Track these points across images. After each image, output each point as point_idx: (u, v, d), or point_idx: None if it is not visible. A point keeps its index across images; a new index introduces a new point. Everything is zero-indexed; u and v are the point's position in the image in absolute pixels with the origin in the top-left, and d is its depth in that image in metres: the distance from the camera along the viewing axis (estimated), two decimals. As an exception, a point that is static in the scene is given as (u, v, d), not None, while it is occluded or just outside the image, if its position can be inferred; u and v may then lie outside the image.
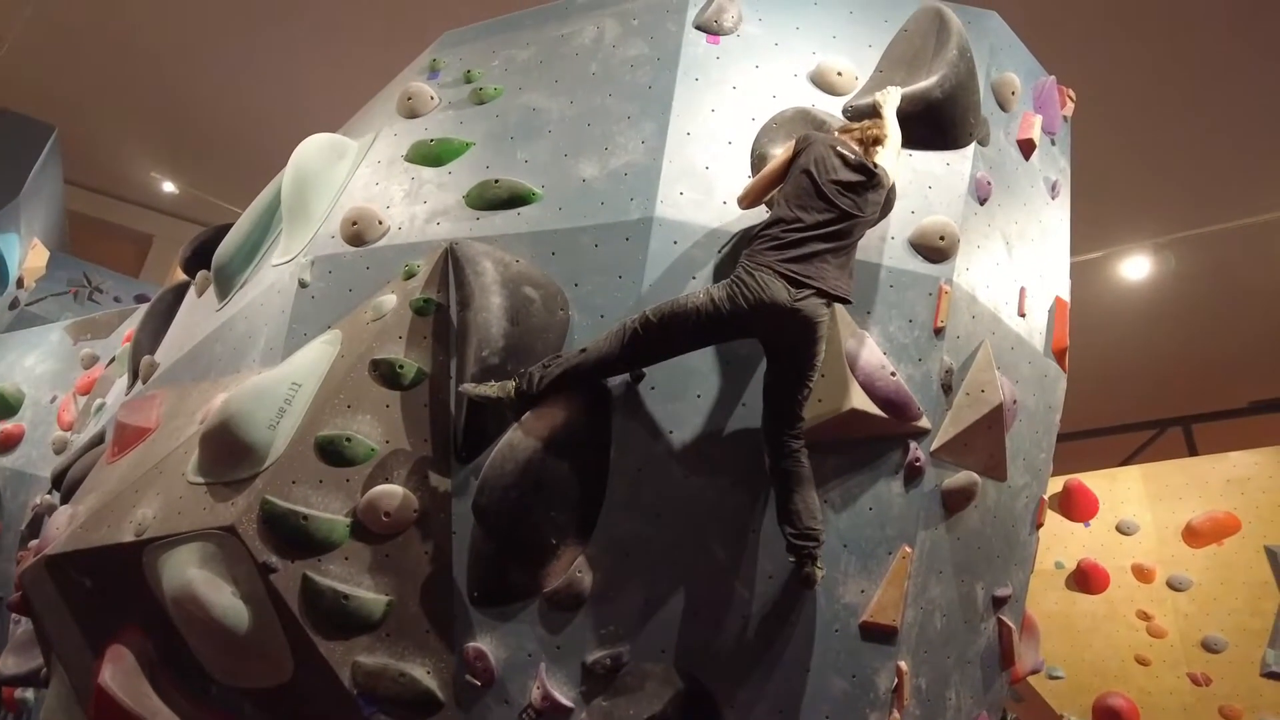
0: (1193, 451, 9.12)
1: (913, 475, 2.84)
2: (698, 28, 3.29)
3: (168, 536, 2.75)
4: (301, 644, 2.63)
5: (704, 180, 3.01)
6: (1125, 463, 8.51)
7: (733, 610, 2.69)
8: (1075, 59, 5.30)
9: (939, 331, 2.95)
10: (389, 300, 2.97)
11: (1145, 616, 6.72)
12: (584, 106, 3.23)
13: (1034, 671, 6.53)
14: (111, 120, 8.60)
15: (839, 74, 3.26)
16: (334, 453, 2.73)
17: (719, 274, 2.91)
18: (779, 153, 3.00)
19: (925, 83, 3.13)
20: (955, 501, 2.98)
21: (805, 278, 2.55)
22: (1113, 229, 7.11)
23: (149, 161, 9.12)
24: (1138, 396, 10.39)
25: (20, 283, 8.14)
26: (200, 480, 2.84)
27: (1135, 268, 7.59)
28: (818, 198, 2.64)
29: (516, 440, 2.67)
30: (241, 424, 2.74)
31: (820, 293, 2.57)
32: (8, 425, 5.66)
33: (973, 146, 3.27)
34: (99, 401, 4.97)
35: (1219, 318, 9.07)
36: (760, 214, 2.93)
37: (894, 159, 2.93)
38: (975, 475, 3.01)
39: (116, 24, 7.41)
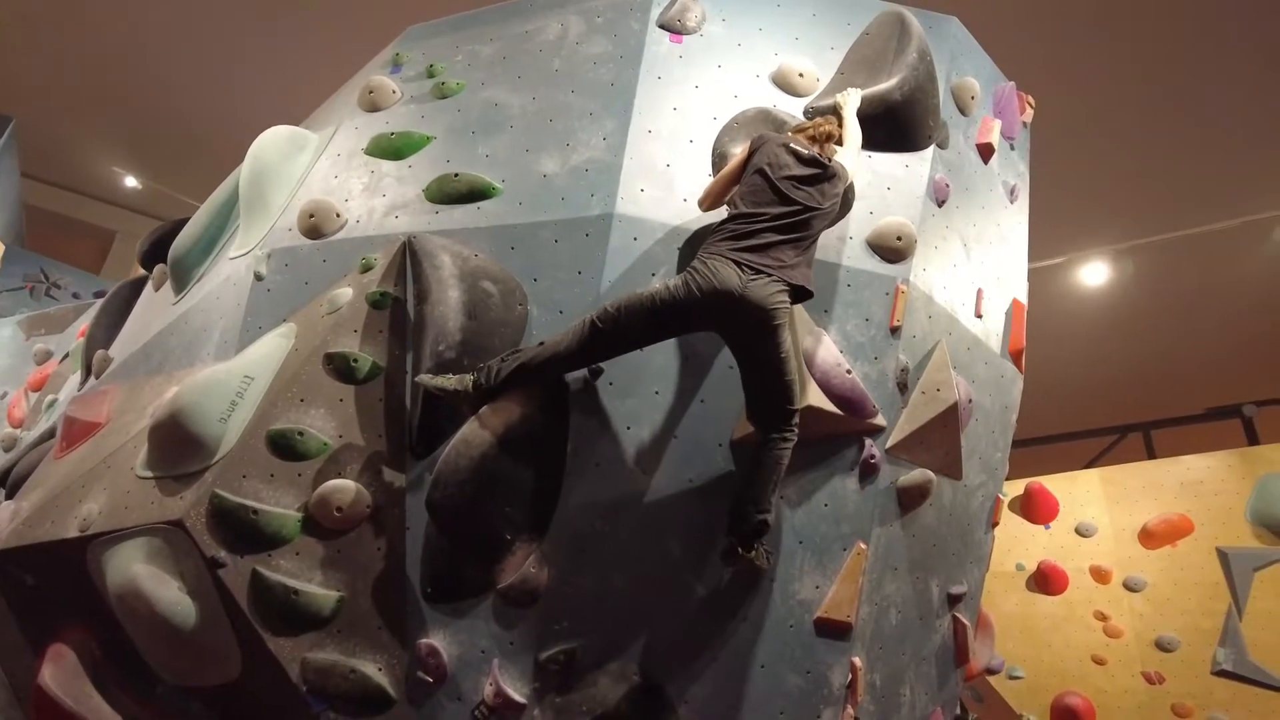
0: (1152, 456, 9.30)
1: (868, 472, 2.87)
2: (661, 26, 3.30)
3: (113, 532, 2.70)
4: (250, 641, 2.58)
5: (665, 178, 3.02)
6: (1088, 467, 8.65)
7: (688, 606, 2.69)
8: (1037, 65, 5.40)
9: (895, 331, 2.98)
10: (345, 293, 2.94)
11: (1102, 617, 6.84)
12: (546, 102, 3.23)
13: (990, 670, 6.63)
14: (72, 114, 8.42)
15: (800, 75, 3.29)
16: (286, 447, 2.69)
17: (680, 271, 2.92)
18: (739, 152, 3.02)
19: (885, 85, 3.17)
20: (910, 499, 3.00)
21: (759, 265, 2.56)
22: (1075, 234, 7.26)
23: (111, 156, 8.94)
24: (1101, 402, 10.59)
25: (-26, 277, 7.94)
26: (149, 474, 2.78)
27: (1095, 274, 7.74)
28: (772, 193, 2.67)
29: (471, 435, 2.65)
30: (191, 417, 2.69)
31: (776, 280, 2.56)
32: (-44, 422, 5.50)
33: (932, 149, 3.30)
34: (50, 398, 4.85)
35: (1179, 325, 9.27)
36: (722, 214, 2.96)
37: (855, 159, 2.96)
38: (930, 473, 3.03)
39: (78, 15, 7.26)
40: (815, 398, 2.75)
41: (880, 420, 2.90)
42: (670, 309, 2.55)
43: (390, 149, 3.26)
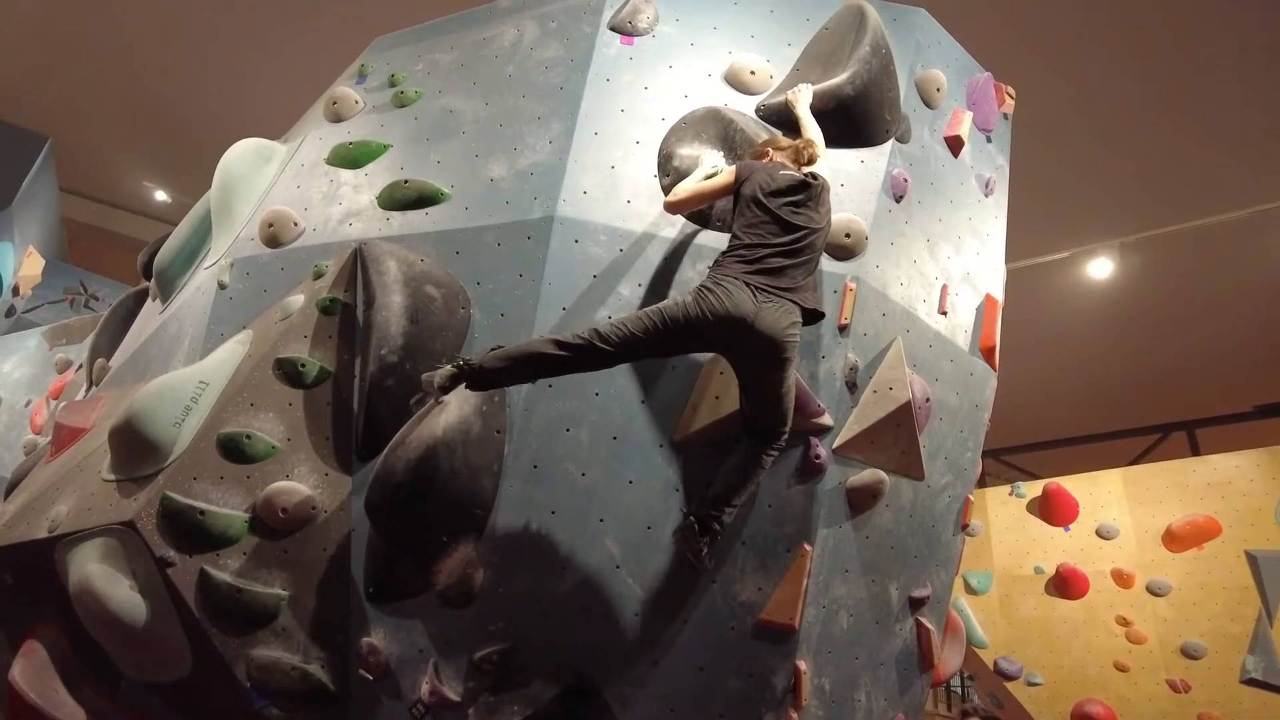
0: (1196, 456, 8.93)
1: (813, 472, 2.82)
2: (612, 29, 3.30)
3: (76, 532, 2.81)
4: (198, 638, 2.67)
5: (609, 179, 3.02)
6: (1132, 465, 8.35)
7: (626, 607, 2.68)
8: (1034, 56, 5.26)
9: (844, 329, 2.93)
10: (296, 300, 3.01)
11: (1124, 622, 6.60)
12: (498, 108, 3.26)
13: (1007, 676, 6.45)
14: (104, 130, 8.79)
15: (752, 73, 3.26)
16: (235, 450, 2.77)
17: (633, 275, 2.91)
18: (686, 152, 3.01)
19: (836, 79, 3.12)
20: (861, 500, 2.95)
21: (774, 289, 2.52)
22: (1093, 225, 7.03)
23: (141, 171, 9.31)
24: (1146, 400, 10.23)
25: (16, 290, 8.33)
26: (112, 477, 2.89)
27: (1101, 268, 7.45)
28: (774, 222, 2.62)
29: (409, 438, 2.68)
30: (145, 421, 2.79)
31: (789, 306, 2.52)
32: (-18, 429, 5.79)
33: (890, 143, 3.24)
34: (64, 405, 5.07)
35: (1226, 320, 8.89)
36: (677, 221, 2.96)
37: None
38: (882, 473, 2.97)
39: (108, 35, 7.57)
40: (753, 397, 2.72)
41: (826, 419, 2.85)
42: (681, 327, 2.47)
43: (349, 158, 3.34)
